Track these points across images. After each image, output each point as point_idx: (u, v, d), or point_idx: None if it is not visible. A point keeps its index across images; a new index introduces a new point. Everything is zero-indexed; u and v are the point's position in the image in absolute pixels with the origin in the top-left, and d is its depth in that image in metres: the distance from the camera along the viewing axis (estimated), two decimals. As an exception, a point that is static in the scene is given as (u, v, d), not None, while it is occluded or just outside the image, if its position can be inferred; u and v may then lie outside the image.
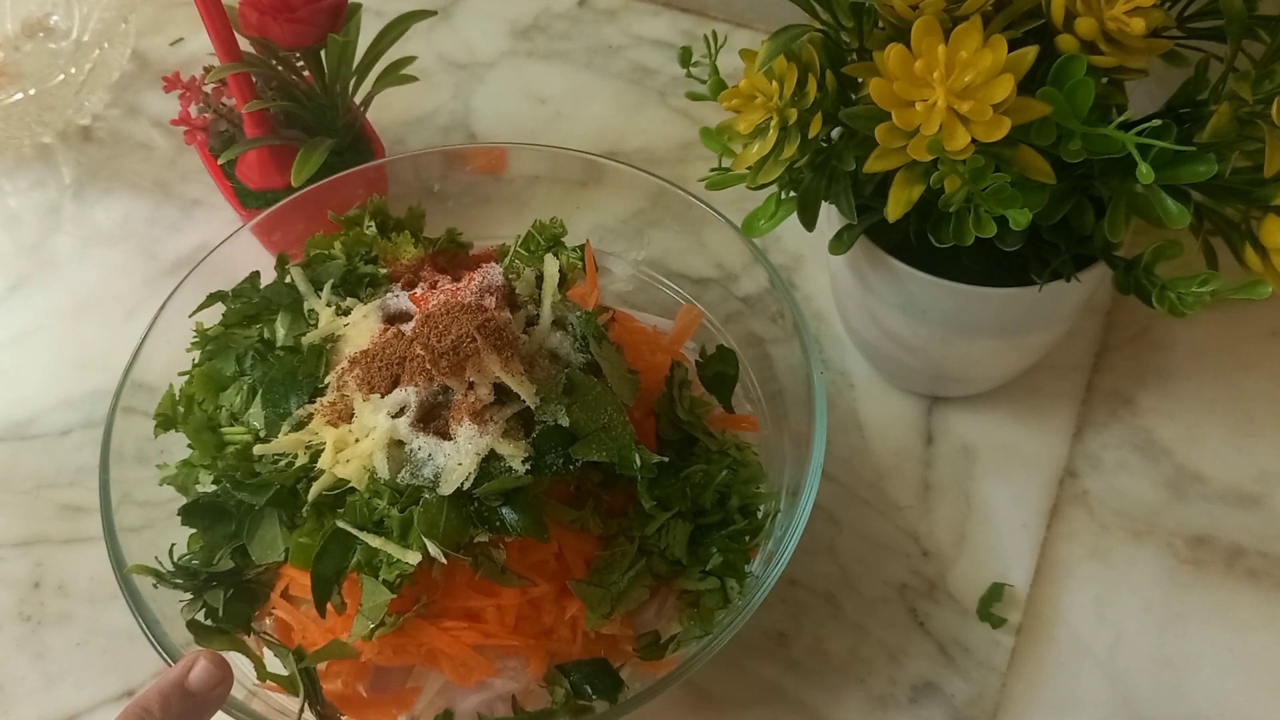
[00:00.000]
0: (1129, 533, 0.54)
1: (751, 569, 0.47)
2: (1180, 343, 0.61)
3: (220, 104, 0.67)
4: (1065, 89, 0.39)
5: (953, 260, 0.47)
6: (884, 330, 0.54)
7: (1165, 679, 0.50)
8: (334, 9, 0.61)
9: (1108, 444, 0.57)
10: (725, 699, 0.50)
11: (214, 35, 0.59)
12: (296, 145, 0.61)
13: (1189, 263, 0.44)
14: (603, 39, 0.79)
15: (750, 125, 0.45)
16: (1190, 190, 0.42)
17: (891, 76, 0.40)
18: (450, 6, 0.83)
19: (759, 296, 0.55)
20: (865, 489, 0.56)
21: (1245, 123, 0.40)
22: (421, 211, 0.57)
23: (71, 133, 0.76)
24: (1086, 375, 0.60)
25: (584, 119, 0.75)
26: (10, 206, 0.73)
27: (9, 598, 0.56)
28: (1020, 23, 0.43)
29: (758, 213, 0.50)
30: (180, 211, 0.71)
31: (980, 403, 0.59)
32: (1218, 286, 0.41)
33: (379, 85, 0.65)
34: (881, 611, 0.52)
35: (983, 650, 0.51)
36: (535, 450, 0.43)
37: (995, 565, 0.54)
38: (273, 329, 0.51)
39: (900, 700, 0.50)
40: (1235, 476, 0.56)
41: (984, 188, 0.41)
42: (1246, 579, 0.53)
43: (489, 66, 0.79)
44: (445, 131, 0.75)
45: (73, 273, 0.69)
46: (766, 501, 0.48)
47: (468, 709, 0.45)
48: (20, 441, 0.61)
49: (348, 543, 0.43)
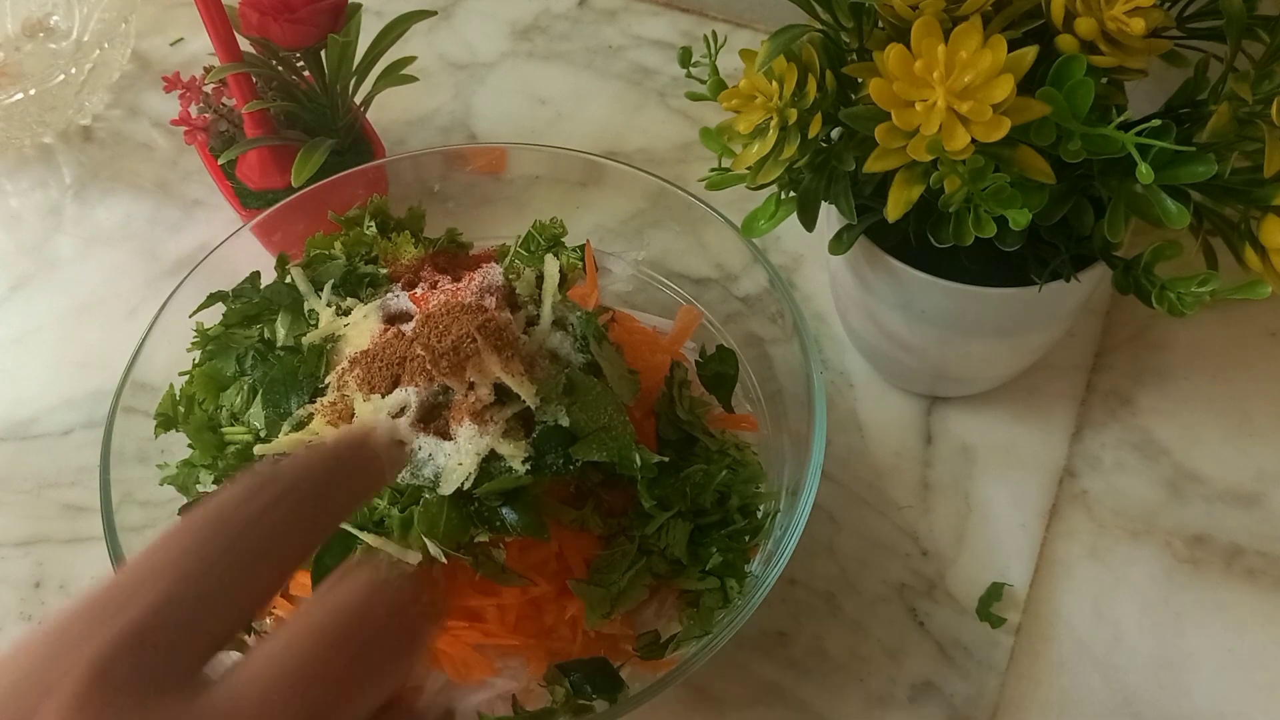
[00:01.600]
0: (1128, 532, 0.54)
1: (751, 569, 0.47)
2: (1179, 343, 0.61)
3: (220, 104, 0.67)
4: (1065, 89, 0.39)
5: (952, 260, 0.47)
6: (883, 330, 0.55)
7: (1164, 678, 0.50)
8: (334, 9, 0.61)
9: (1106, 444, 0.57)
10: (725, 698, 0.51)
11: (214, 35, 0.59)
12: (297, 145, 0.62)
13: (1188, 263, 0.44)
14: (603, 39, 0.80)
15: (750, 125, 0.45)
16: (1190, 190, 0.42)
17: (891, 77, 0.40)
18: (450, 6, 0.83)
19: (759, 296, 0.55)
20: (865, 489, 0.57)
21: (1245, 123, 0.40)
22: (422, 211, 0.57)
23: (72, 133, 0.76)
24: (1085, 375, 0.60)
25: (584, 119, 0.75)
26: (11, 206, 0.73)
27: (10, 597, 0.56)
28: (1020, 23, 0.43)
29: (757, 213, 0.50)
30: (181, 212, 0.71)
31: (980, 403, 0.59)
32: (1217, 286, 0.41)
33: (379, 85, 0.65)
34: (881, 611, 0.53)
35: (982, 650, 0.51)
36: (535, 450, 0.44)
37: (994, 565, 0.54)
38: (273, 329, 0.51)
39: (899, 699, 0.50)
40: (1234, 476, 0.56)
41: (984, 188, 0.41)
42: (1245, 578, 0.53)
43: (489, 67, 0.79)
44: (445, 132, 0.75)
45: (74, 273, 0.69)
46: (766, 501, 0.48)
47: (468, 708, 0.45)
48: (21, 441, 0.61)
49: (348, 542, 0.43)
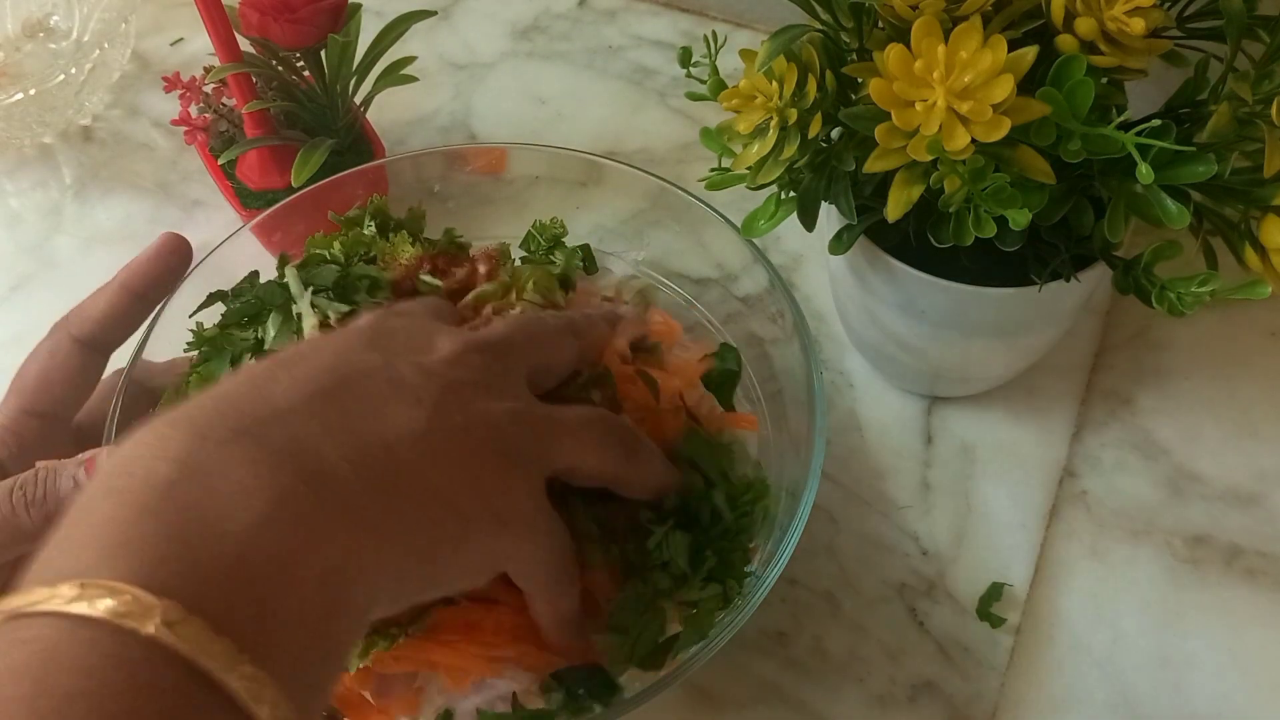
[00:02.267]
0: (1128, 532, 0.54)
1: (752, 569, 0.47)
2: (1179, 343, 0.61)
3: (220, 104, 0.67)
4: (1065, 89, 0.39)
5: (952, 260, 0.47)
6: (883, 330, 0.55)
7: (1164, 678, 0.50)
8: (334, 9, 0.61)
9: (1106, 444, 0.57)
10: (724, 698, 0.51)
11: (214, 35, 0.59)
12: (297, 145, 0.62)
13: (1189, 263, 0.44)
14: (603, 39, 0.80)
15: (750, 125, 0.45)
16: (1190, 190, 0.42)
17: (891, 76, 0.40)
18: (450, 6, 0.83)
19: (759, 296, 0.55)
20: (865, 489, 0.57)
21: (1245, 123, 0.40)
22: (421, 212, 0.57)
23: (72, 133, 0.76)
24: (1085, 375, 0.60)
25: (584, 119, 0.75)
26: (11, 206, 0.73)
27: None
28: (1020, 23, 0.43)
29: (757, 213, 0.50)
30: (182, 212, 0.71)
31: (980, 403, 0.59)
32: (1217, 286, 0.41)
33: (379, 85, 0.65)
34: (881, 611, 0.53)
35: (982, 650, 0.51)
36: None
37: (994, 565, 0.54)
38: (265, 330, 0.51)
39: (899, 699, 0.50)
40: (1234, 476, 0.56)
41: (984, 188, 0.41)
42: (1245, 578, 0.53)
43: (489, 67, 0.79)
44: (445, 132, 0.75)
45: (74, 273, 0.69)
46: (759, 490, 0.48)
47: (468, 708, 0.45)
48: (21, 441, 0.61)
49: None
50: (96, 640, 0.25)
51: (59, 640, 0.25)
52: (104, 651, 0.25)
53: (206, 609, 0.26)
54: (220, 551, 0.27)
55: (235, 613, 0.26)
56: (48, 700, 0.24)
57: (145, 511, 0.27)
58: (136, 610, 0.25)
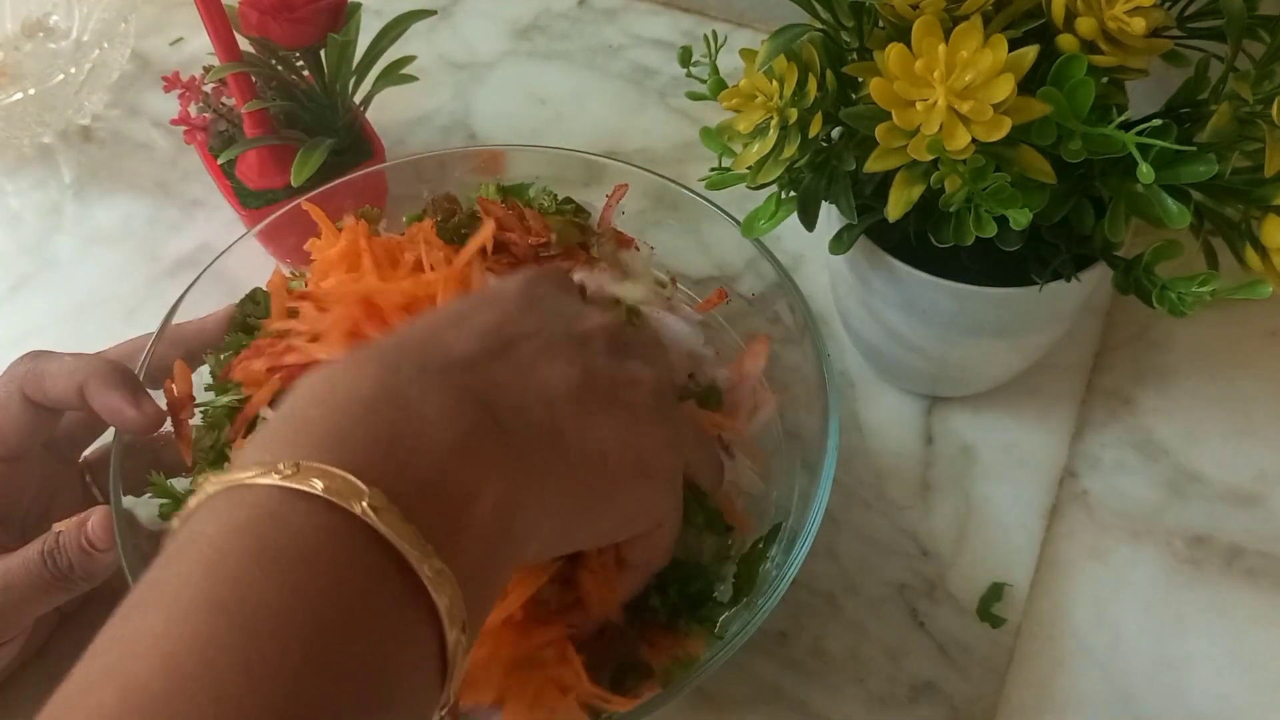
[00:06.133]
0: (1128, 532, 0.54)
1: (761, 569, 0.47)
2: (1179, 343, 0.61)
3: (220, 104, 0.67)
4: (1065, 89, 0.39)
5: (953, 260, 0.47)
6: (884, 330, 0.55)
7: (1164, 678, 0.50)
8: (334, 9, 0.61)
9: (1107, 444, 0.57)
10: (725, 698, 0.50)
11: (214, 35, 0.59)
12: (296, 145, 0.61)
13: (1189, 263, 0.44)
14: (603, 39, 0.80)
15: (750, 125, 0.45)
16: (1190, 190, 0.42)
17: (891, 76, 0.40)
18: (450, 6, 0.83)
19: (761, 295, 0.55)
20: (865, 489, 0.56)
21: (1245, 123, 0.40)
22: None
23: (72, 133, 0.76)
24: (1086, 375, 0.60)
25: (584, 119, 0.75)
26: (11, 206, 0.73)
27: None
28: (1020, 23, 0.43)
29: (758, 213, 0.50)
30: (181, 211, 0.71)
31: (980, 403, 0.59)
32: (1218, 286, 0.41)
33: (379, 85, 0.65)
34: (881, 611, 0.53)
35: (982, 650, 0.51)
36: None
37: (995, 565, 0.54)
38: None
39: (900, 699, 0.50)
40: (1234, 476, 0.56)
41: (984, 188, 0.41)
42: (1245, 578, 0.53)
43: (489, 66, 0.79)
44: (445, 131, 0.75)
45: (74, 273, 0.69)
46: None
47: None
48: (20, 441, 0.61)
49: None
50: (312, 511, 0.28)
51: (277, 508, 0.28)
52: (318, 524, 0.28)
53: (406, 506, 0.29)
54: (421, 463, 0.31)
55: (429, 515, 0.30)
56: (270, 555, 0.27)
57: (353, 419, 0.31)
58: (347, 491, 0.28)
